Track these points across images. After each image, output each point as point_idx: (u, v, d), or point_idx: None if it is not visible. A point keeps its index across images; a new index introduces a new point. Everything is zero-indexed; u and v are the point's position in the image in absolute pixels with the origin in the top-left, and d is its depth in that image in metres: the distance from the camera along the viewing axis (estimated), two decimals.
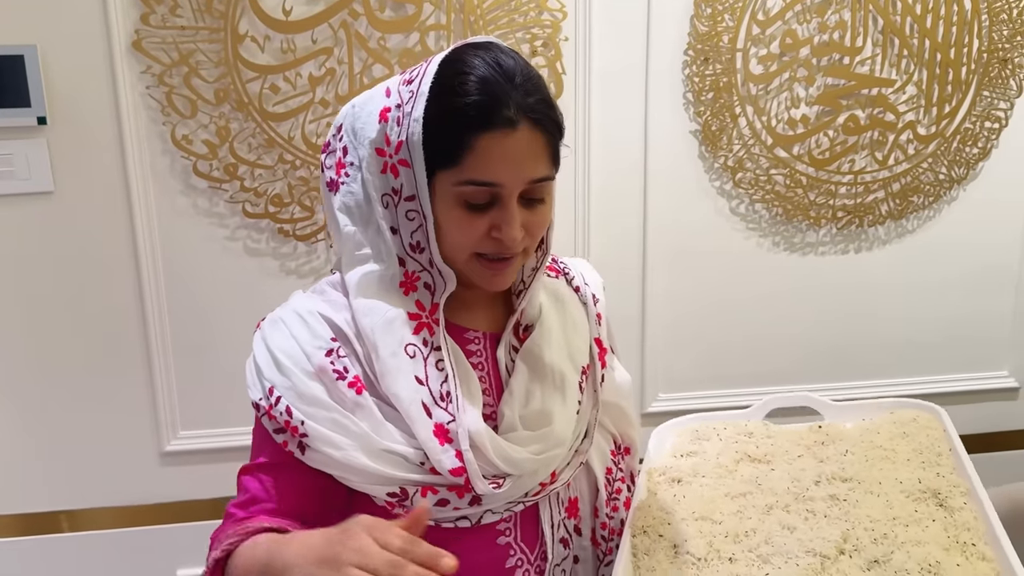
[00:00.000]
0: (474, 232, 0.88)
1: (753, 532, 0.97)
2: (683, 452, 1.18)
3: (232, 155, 1.70)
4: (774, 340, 2.03)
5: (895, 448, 1.11)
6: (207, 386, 1.81)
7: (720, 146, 1.89)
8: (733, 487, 1.06)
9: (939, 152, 1.97)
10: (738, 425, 1.23)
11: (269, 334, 0.93)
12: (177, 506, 1.87)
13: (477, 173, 0.85)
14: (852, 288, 2.03)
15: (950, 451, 1.09)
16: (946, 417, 1.15)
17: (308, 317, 0.92)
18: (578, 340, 1.03)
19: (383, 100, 0.90)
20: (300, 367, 0.90)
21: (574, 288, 1.09)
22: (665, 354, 1.99)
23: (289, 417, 0.88)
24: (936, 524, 0.96)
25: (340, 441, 0.88)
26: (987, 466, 2.11)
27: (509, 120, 0.84)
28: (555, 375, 0.97)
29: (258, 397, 0.91)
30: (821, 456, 1.12)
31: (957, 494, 1.00)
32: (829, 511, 0.99)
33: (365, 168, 0.90)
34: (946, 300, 2.07)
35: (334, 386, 0.90)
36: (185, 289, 1.76)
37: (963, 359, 2.12)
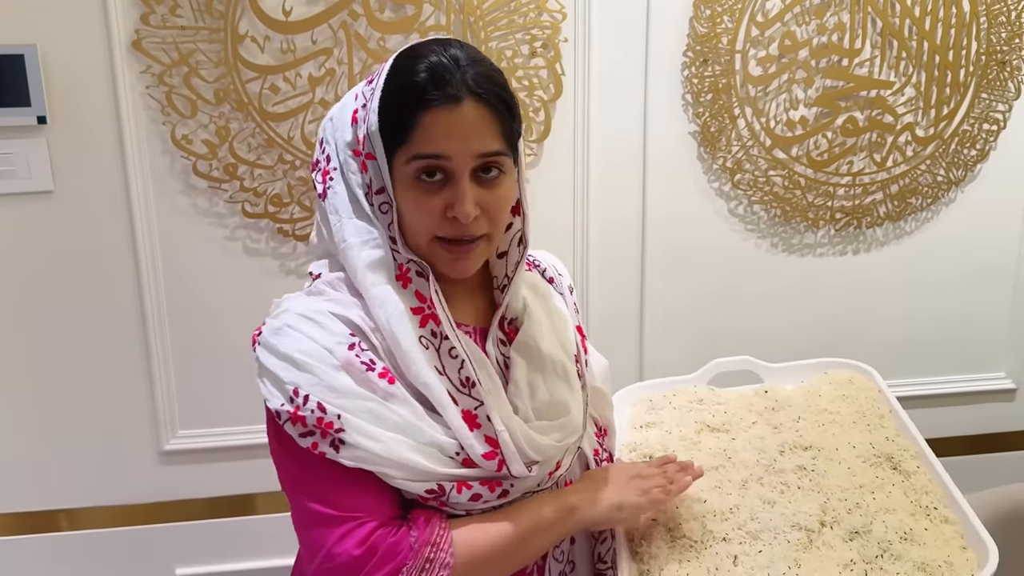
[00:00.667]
0: (430, 211, 0.89)
1: (737, 509, 1.02)
2: (641, 423, 1.23)
3: (232, 155, 1.71)
4: (771, 340, 2.03)
5: (839, 411, 1.19)
6: (206, 385, 1.81)
7: (719, 147, 1.89)
8: (705, 460, 1.11)
9: (937, 154, 1.97)
10: (687, 392, 1.29)
11: (276, 342, 0.89)
12: (175, 505, 1.87)
13: (423, 147, 0.87)
14: (850, 289, 2.03)
15: (891, 412, 1.17)
16: (879, 378, 1.24)
17: (318, 316, 0.89)
18: (564, 329, 1.05)
19: (353, 104, 0.93)
20: (324, 362, 0.86)
21: (548, 279, 1.10)
22: (662, 352, 1.99)
23: (322, 413, 0.85)
24: (896, 489, 1.03)
25: (380, 434, 0.86)
26: (985, 467, 2.15)
27: (452, 96, 0.86)
28: (556, 365, 0.99)
29: (279, 403, 0.86)
30: (775, 423, 1.19)
31: (908, 457, 1.08)
32: (801, 482, 1.06)
33: (346, 171, 0.92)
34: (943, 302, 2.08)
35: (364, 377, 0.87)
36: (184, 289, 1.77)
37: (960, 360, 2.12)
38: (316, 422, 0.85)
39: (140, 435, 1.82)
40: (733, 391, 1.29)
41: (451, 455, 0.89)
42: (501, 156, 0.90)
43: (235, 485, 1.88)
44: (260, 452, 1.83)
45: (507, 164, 0.91)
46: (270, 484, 1.87)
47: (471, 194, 0.88)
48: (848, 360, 1.29)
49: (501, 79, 0.91)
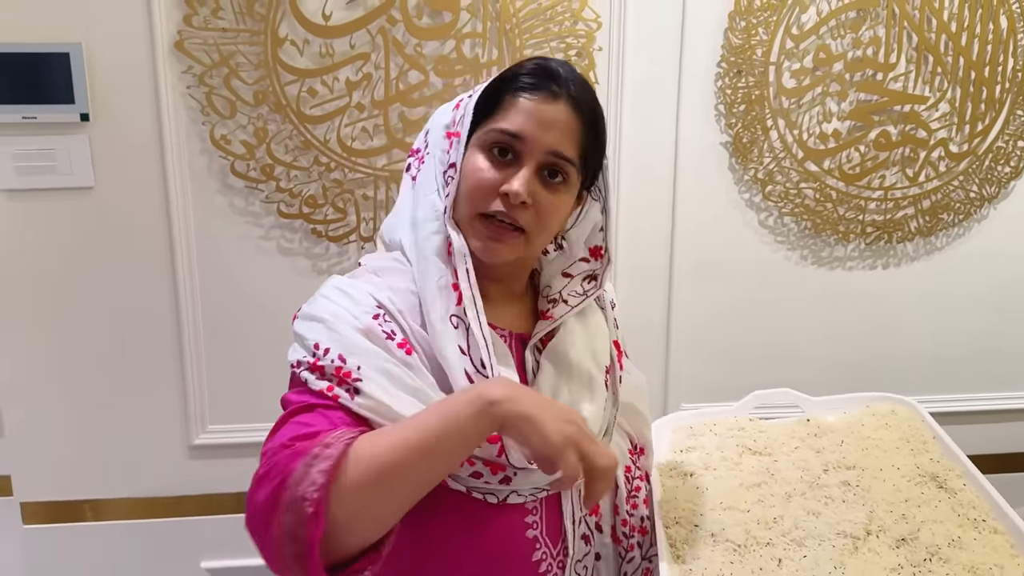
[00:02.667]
0: (487, 182, 0.92)
1: (781, 519, 1.01)
2: (682, 448, 1.22)
3: (269, 156, 1.73)
4: (799, 353, 2.03)
5: (882, 438, 1.18)
6: (237, 381, 1.84)
7: (751, 158, 1.89)
8: (746, 478, 1.10)
9: (971, 170, 1.96)
10: (728, 421, 1.28)
11: (308, 309, 0.93)
12: (203, 499, 1.90)
13: (506, 123, 0.92)
14: (879, 303, 2.02)
15: (934, 438, 1.17)
16: (922, 409, 1.23)
17: (350, 290, 0.93)
18: (599, 342, 1.06)
19: (461, 96, 0.99)
20: (348, 324, 0.89)
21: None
22: (689, 363, 2.00)
23: (342, 363, 0.86)
24: (943, 504, 1.02)
25: (394, 391, 0.87)
26: (1014, 487, 2.11)
27: (553, 92, 0.92)
28: (582, 374, 1.01)
29: (301, 355, 0.88)
30: (817, 447, 1.18)
31: (954, 476, 1.07)
32: (845, 496, 1.05)
33: (435, 150, 0.98)
34: (973, 318, 2.07)
35: (384, 344, 0.89)
36: (219, 286, 1.79)
37: (989, 378, 2.11)
38: (335, 371, 0.86)
39: (171, 429, 1.85)
40: (776, 421, 1.28)
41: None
42: (570, 164, 0.94)
43: None
44: None
45: (572, 177, 0.95)
46: None
47: (529, 180, 0.92)
48: (890, 394, 1.28)
49: (599, 107, 0.97)
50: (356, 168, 1.76)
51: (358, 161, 1.75)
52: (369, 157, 1.76)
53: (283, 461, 0.76)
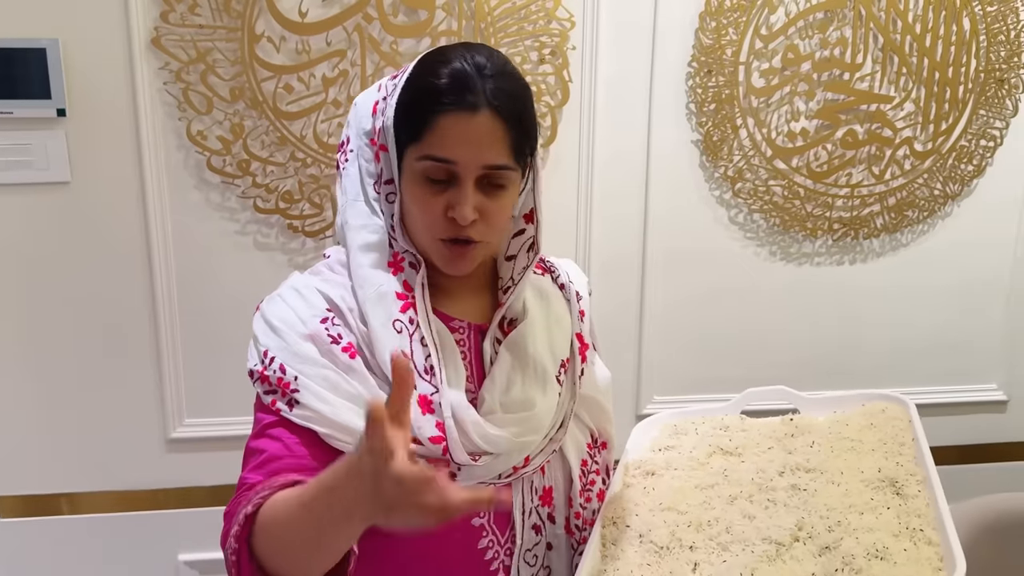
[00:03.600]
0: (432, 210, 0.93)
1: (716, 521, 1.01)
2: (661, 446, 1.23)
3: (245, 151, 1.75)
4: (768, 347, 2.07)
5: (862, 439, 1.15)
6: (214, 375, 1.85)
7: (721, 156, 1.93)
8: (703, 479, 1.10)
9: (935, 168, 2.01)
10: (715, 420, 1.28)
11: (266, 308, 0.98)
12: (180, 492, 1.91)
13: (435, 149, 0.91)
14: (846, 298, 2.07)
15: (913, 440, 1.12)
16: (913, 409, 1.19)
17: (304, 290, 0.97)
18: (560, 335, 1.07)
19: (376, 95, 0.99)
20: (294, 330, 0.94)
21: (559, 285, 1.13)
22: (661, 358, 2.03)
23: (282, 374, 0.92)
24: (890, 512, 0.99)
25: (331, 398, 0.91)
26: (975, 477, 2.18)
27: (471, 104, 0.90)
28: (536, 366, 1.02)
29: (254, 364, 0.95)
30: (790, 448, 1.16)
31: (913, 482, 1.04)
32: (789, 500, 1.03)
33: (360, 156, 0.99)
34: (937, 313, 2.12)
35: (327, 348, 0.94)
36: (195, 281, 1.81)
37: (953, 371, 2.16)
38: (277, 381, 0.92)
39: (148, 423, 1.86)
40: (762, 420, 1.27)
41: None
42: (507, 170, 0.93)
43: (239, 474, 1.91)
44: None
45: (512, 177, 0.95)
46: None
47: (472, 199, 0.92)
48: (888, 392, 1.26)
49: (523, 94, 0.95)
50: (332, 164, 1.78)
51: (334, 157, 1.77)
52: None
53: (231, 507, 0.88)
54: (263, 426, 0.93)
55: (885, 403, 1.24)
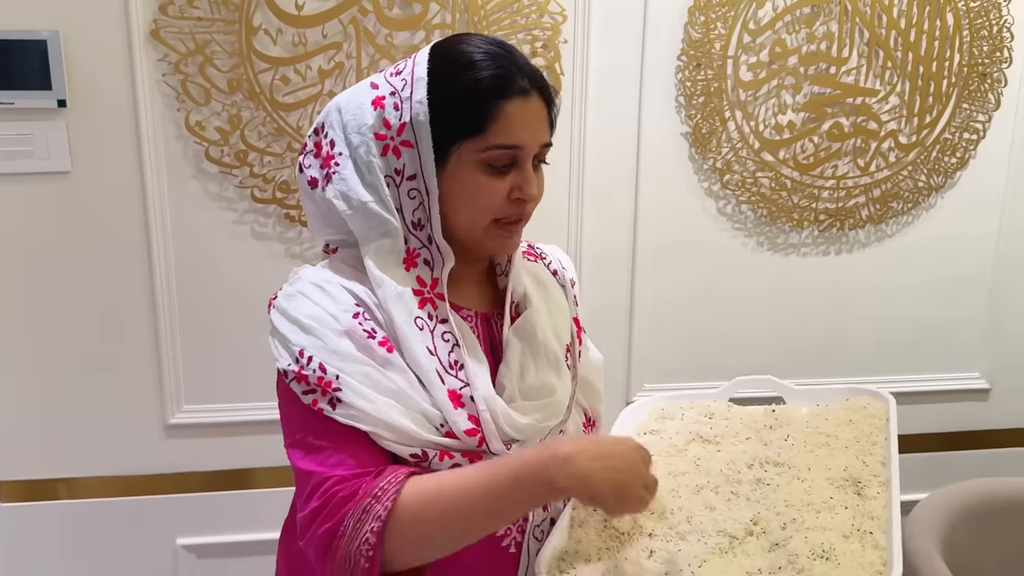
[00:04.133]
0: (497, 195, 0.96)
1: (679, 510, 1.03)
2: (646, 430, 1.25)
3: (243, 142, 1.78)
4: (756, 336, 2.11)
5: (837, 435, 1.18)
6: (212, 363, 1.89)
7: (709, 148, 1.97)
8: (675, 466, 1.13)
9: (919, 161, 2.05)
10: (702, 406, 1.30)
11: (288, 306, 0.95)
12: (178, 477, 1.94)
13: (503, 138, 0.94)
14: (831, 288, 2.11)
15: (885, 440, 1.16)
16: (893, 406, 1.22)
17: (327, 287, 0.96)
18: (561, 320, 1.11)
19: (371, 92, 0.97)
20: (329, 327, 0.92)
21: (552, 271, 1.17)
22: (651, 346, 2.07)
23: (323, 373, 0.91)
24: (847, 511, 1.02)
25: (374, 396, 0.91)
26: (958, 464, 2.22)
27: (524, 89, 0.94)
28: (548, 352, 1.05)
29: (287, 363, 0.92)
30: (766, 439, 1.18)
31: (875, 483, 1.06)
32: (751, 494, 1.06)
33: (358, 155, 0.95)
34: (921, 303, 2.16)
35: (365, 343, 0.93)
36: (194, 269, 1.84)
37: (936, 360, 2.20)
38: (317, 381, 0.91)
39: (147, 409, 1.89)
40: (747, 408, 1.30)
41: (436, 425, 0.95)
42: (550, 146, 1.00)
43: (236, 459, 1.95)
44: (261, 428, 1.92)
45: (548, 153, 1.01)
46: (269, 459, 1.95)
47: (535, 177, 0.98)
48: (873, 388, 1.29)
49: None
50: None
51: None
52: None
53: (337, 503, 0.86)
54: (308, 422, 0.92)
55: (868, 399, 1.26)
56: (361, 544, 0.84)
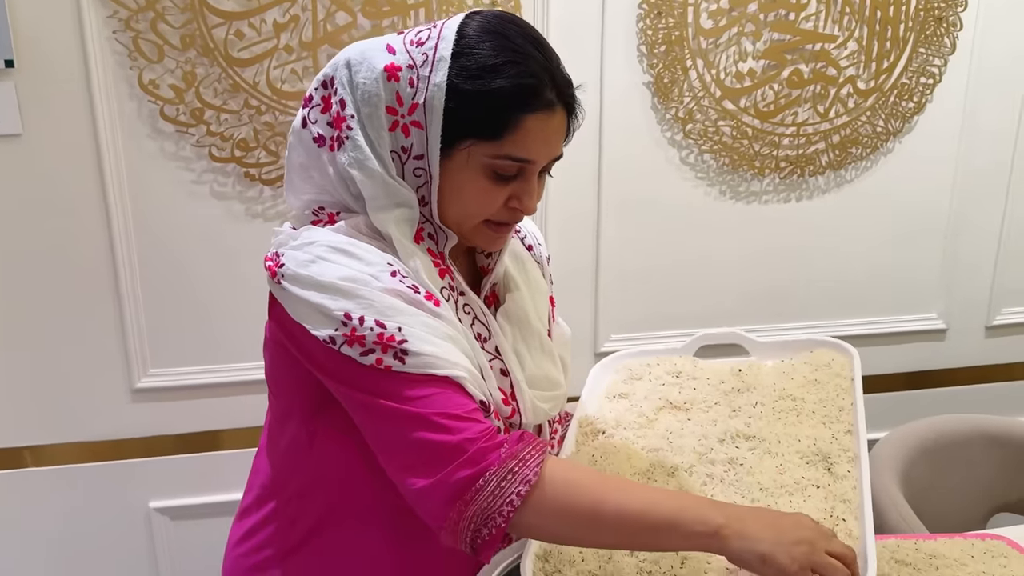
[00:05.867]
0: (495, 202, 0.93)
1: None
2: (615, 393, 1.27)
3: (198, 100, 1.74)
4: (719, 283, 2.14)
5: (804, 398, 1.19)
6: (177, 325, 1.87)
7: (671, 98, 1.97)
8: (649, 441, 1.14)
9: (877, 106, 2.07)
10: (669, 363, 1.32)
11: (311, 272, 0.88)
12: (147, 441, 1.93)
13: (517, 150, 0.90)
14: (793, 235, 2.14)
15: (851, 406, 1.17)
16: (857, 363, 1.23)
17: (353, 249, 0.90)
18: (541, 300, 1.11)
19: (386, 56, 0.90)
20: (372, 287, 0.87)
21: (527, 247, 1.15)
22: (617, 296, 2.09)
23: (382, 329, 0.85)
24: (819, 492, 1.03)
25: (437, 341, 0.88)
26: (916, 402, 2.28)
27: (550, 103, 0.90)
28: (541, 340, 1.06)
29: (333, 328, 0.86)
30: (735, 405, 1.20)
31: (844, 460, 1.08)
32: (726, 476, 1.07)
33: (369, 124, 0.90)
34: (880, 246, 2.19)
35: (412, 298, 0.89)
36: (153, 231, 1.81)
37: (895, 302, 2.25)
38: (377, 338, 0.85)
39: (112, 373, 1.87)
40: (714, 364, 1.31)
41: (483, 380, 0.94)
42: (560, 158, 0.97)
43: (205, 422, 1.94)
44: (228, 390, 1.92)
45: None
46: (238, 420, 1.94)
47: (538, 191, 0.96)
48: (836, 340, 1.30)
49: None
50: (287, 110, 1.78)
51: (288, 103, 1.78)
52: (299, 99, 1.78)
53: (479, 452, 0.84)
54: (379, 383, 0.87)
55: (832, 352, 1.28)
56: (504, 504, 0.82)
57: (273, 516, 1.04)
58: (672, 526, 0.83)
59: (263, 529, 1.05)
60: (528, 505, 0.83)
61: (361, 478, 0.96)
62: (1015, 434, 1.89)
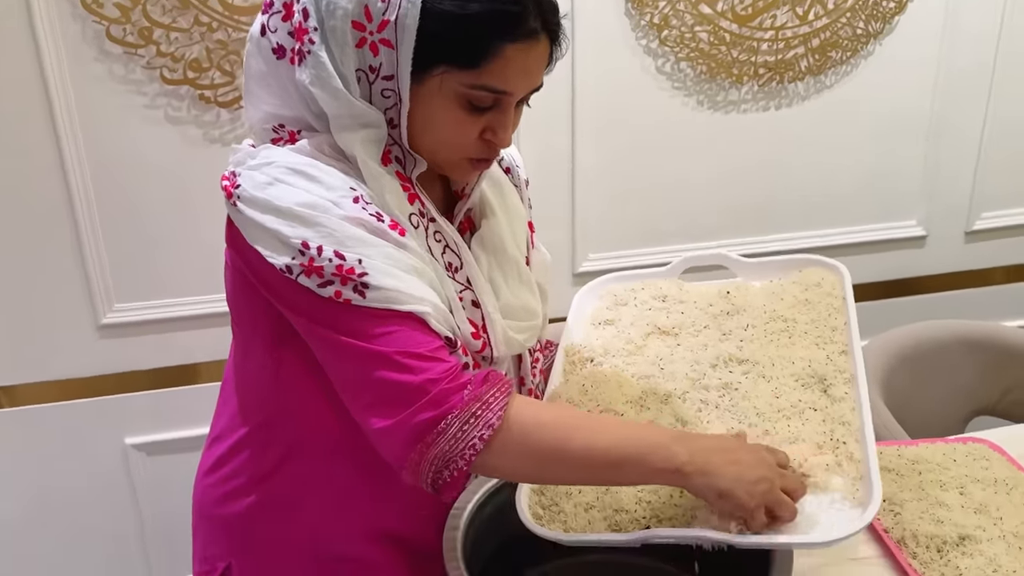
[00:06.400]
0: (469, 134, 0.88)
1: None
2: (601, 320, 1.24)
3: (146, 18, 1.64)
4: (699, 197, 2.09)
5: (795, 318, 1.16)
6: (140, 258, 1.81)
7: (646, 3, 1.88)
8: (638, 368, 1.11)
9: (857, 6, 2.00)
10: (654, 287, 1.28)
11: (269, 197, 0.83)
12: (119, 377, 1.89)
13: (495, 80, 0.84)
14: (772, 144, 2.08)
15: (844, 325, 1.14)
16: (848, 281, 1.20)
17: (313, 171, 0.85)
18: (519, 227, 1.06)
19: None
20: (332, 214, 0.82)
21: (504, 169, 1.10)
22: (595, 214, 2.04)
23: (341, 260, 0.81)
24: (817, 415, 1.01)
25: (401, 275, 0.84)
26: (896, 310, 2.28)
27: (533, 31, 0.84)
28: (519, 269, 1.02)
29: (290, 257, 0.81)
30: (725, 329, 1.17)
31: (841, 381, 1.05)
32: (720, 401, 1.04)
33: (332, 38, 0.83)
34: (861, 153, 2.15)
35: (376, 227, 0.84)
36: (107, 160, 1.73)
37: (876, 210, 2.21)
38: (336, 270, 0.81)
39: (77, 310, 1.81)
40: (700, 287, 1.28)
41: (450, 311, 0.91)
42: (540, 88, 0.91)
43: (177, 355, 1.90)
44: (199, 323, 1.87)
45: None
46: (212, 354, 1.90)
47: (514, 122, 0.90)
48: (825, 259, 1.26)
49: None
50: (240, 27, 1.69)
51: (241, 19, 1.68)
52: (252, 15, 1.68)
53: (441, 394, 0.81)
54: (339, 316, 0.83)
55: (822, 271, 1.24)
56: (466, 448, 0.81)
57: (243, 445, 1.01)
58: (636, 462, 0.83)
59: (233, 458, 1.02)
60: (491, 448, 0.82)
61: (327, 411, 0.93)
62: (993, 338, 1.90)
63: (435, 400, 0.81)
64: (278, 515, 1.01)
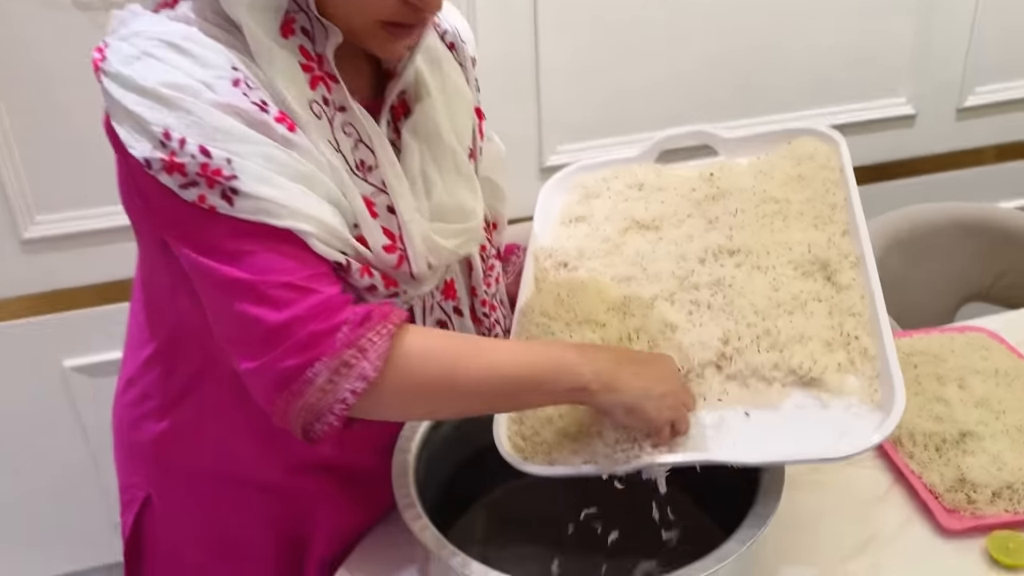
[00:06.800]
0: None
1: (637, 335, 0.91)
2: (571, 217, 1.12)
3: None
4: (676, 80, 1.94)
5: (788, 198, 1.03)
6: (57, 164, 1.64)
7: None
8: (619, 269, 1.01)
9: None
10: (628, 174, 1.15)
11: (133, 73, 0.70)
12: (52, 296, 1.75)
13: None
14: (755, 21, 1.93)
15: (845, 201, 1.02)
16: (845, 150, 1.08)
17: (186, 45, 0.72)
18: (462, 111, 0.91)
19: None
20: (202, 98, 0.70)
21: (448, 44, 0.94)
22: (562, 101, 1.88)
23: (206, 158, 0.69)
24: (822, 307, 0.90)
25: (281, 182, 0.71)
26: (887, 193, 2.19)
27: None
28: (456, 159, 0.87)
29: (151, 147, 0.70)
30: (711, 216, 1.05)
31: (847, 266, 0.94)
32: (713, 300, 0.93)
33: None
34: (849, 28, 2.00)
35: (258, 118, 0.72)
36: (9, 57, 1.54)
37: (864, 88, 2.09)
38: (200, 169, 0.69)
39: None
40: (680, 169, 1.15)
41: (352, 224, 0.77)
42: None
43: (113, 270, 1.75)
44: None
45: None
46: None
47: None
48: (816, 127, 1.13)
49: None
50: None
51: None
52: None
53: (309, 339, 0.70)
54: (201, 225, 0.72)
55: (814, 141, 1.11)
56: (336, 402, 0.71)
57: (153, 362, 0.92)
58: (535, 386, 0.77)
59: (144, 375, 0.93)
60: (366, 398, 0.72)
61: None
62: (988, 220, 1.83)
63: (301, 344, 0.70)
64: (193, 445, 0.92)
